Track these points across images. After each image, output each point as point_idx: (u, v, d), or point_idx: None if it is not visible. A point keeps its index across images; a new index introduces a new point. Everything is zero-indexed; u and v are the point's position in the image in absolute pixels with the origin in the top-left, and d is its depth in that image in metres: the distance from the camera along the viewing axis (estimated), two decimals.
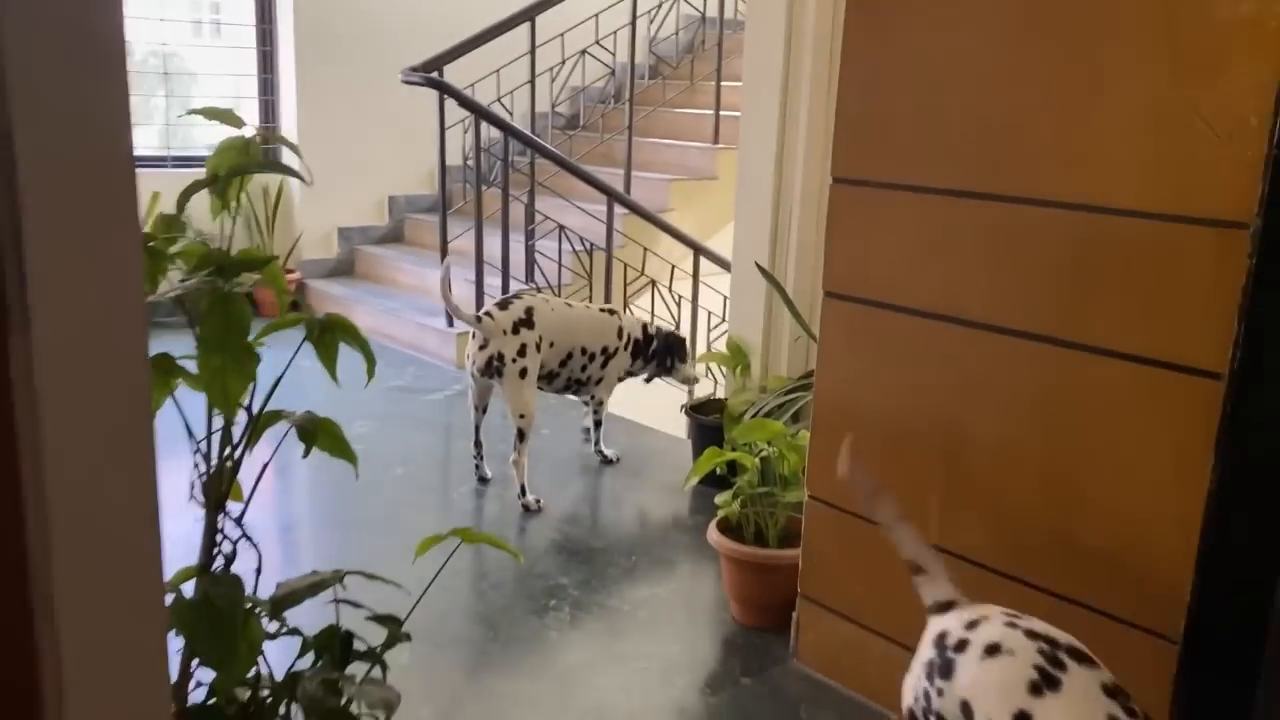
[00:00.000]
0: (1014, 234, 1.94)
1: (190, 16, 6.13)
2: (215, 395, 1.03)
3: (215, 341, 1.02)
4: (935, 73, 2.01)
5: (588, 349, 3.38)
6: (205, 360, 1.02)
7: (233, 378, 1.03)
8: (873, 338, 2.20)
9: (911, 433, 2.15)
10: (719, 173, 5.50)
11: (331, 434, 1.34)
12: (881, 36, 2.10)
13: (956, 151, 2.00)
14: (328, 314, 1.31)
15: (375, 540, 2.96)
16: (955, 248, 2.03)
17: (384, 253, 5.85)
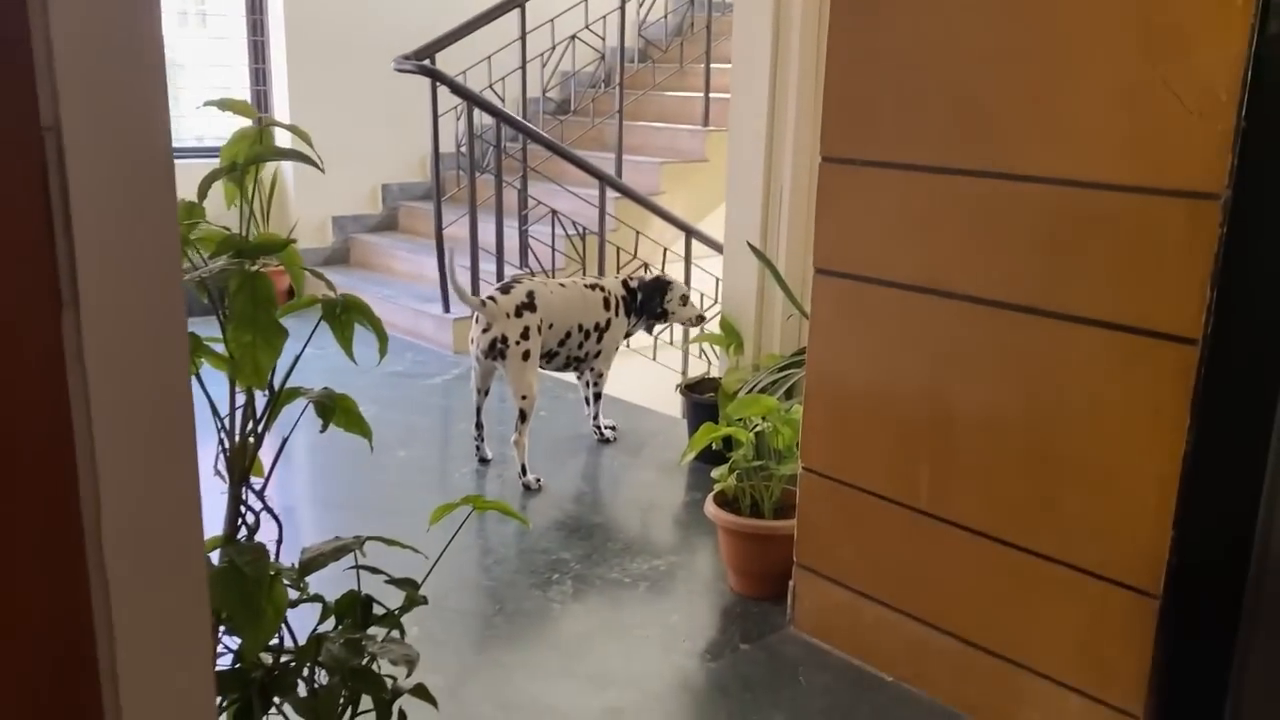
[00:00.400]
0: (995, 208, 2.01)
1: (176, 7, 6.15)
2: (246, 370, 1.10)
3: (245, 318, 1.08)
4: (919, 53, 2.07)
5: (584, 325, 3.45)
6: (235, 336, 1.08)
7: (263, 352, 1.09)
8: (861, 312, 2.27)
9: (901, 403, 2.23)
10: (709, 155, 5.56)
11: (348, 410, 1.41)
12: (867, 18, 2.16)
13: (940, 129, 2.06)
14: (343, 294, 1.37)
15: (380, 520, 3.02)
16: (939, 223, 2.10)
17: (379, 240, 5.90)
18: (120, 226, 0.86)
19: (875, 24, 2.15)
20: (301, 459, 3.57)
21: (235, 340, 1.08)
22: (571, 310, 3.41)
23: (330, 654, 1.27)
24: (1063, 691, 2.00)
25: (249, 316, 1.08)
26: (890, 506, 2.28)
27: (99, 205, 0.85)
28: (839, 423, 2.36)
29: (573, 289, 3.47)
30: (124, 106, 0.84)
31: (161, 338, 0.89)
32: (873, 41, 2.16)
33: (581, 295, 3.47)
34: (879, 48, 2.15)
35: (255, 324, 1.09)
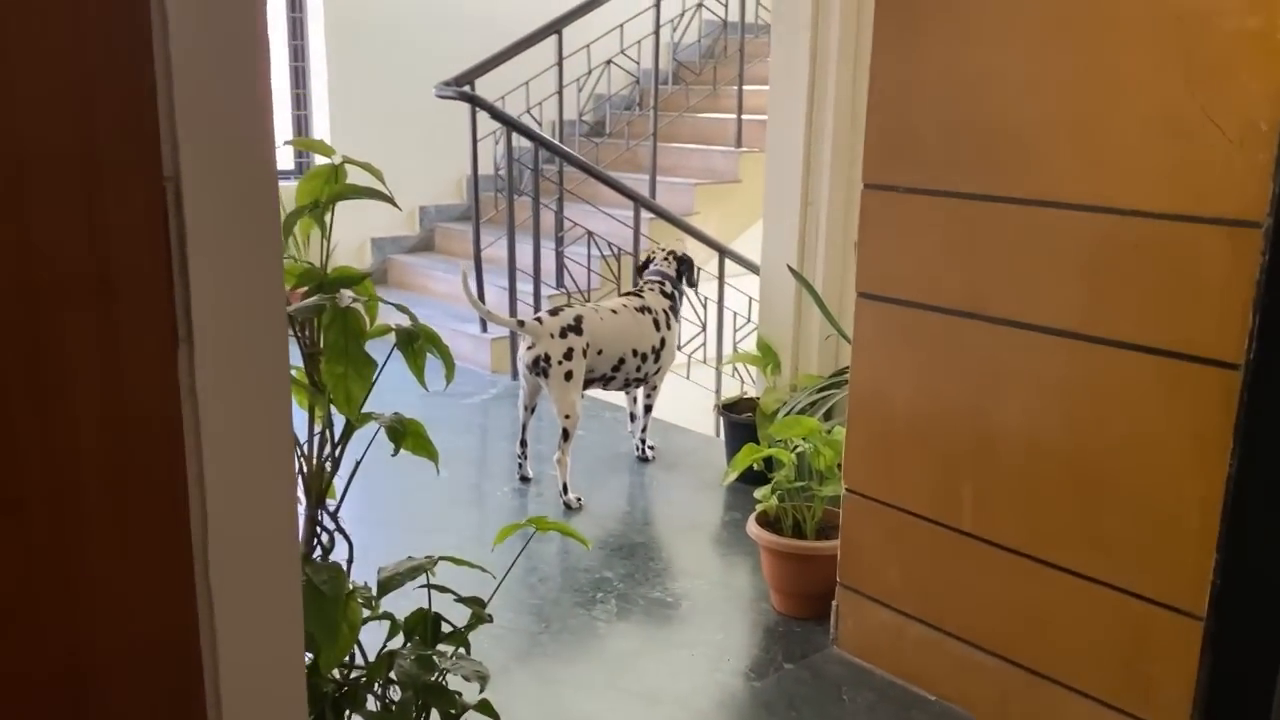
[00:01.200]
0: (1037, 235, 2.05)
1: None
2: (339, 399, 1.16)
3: (338, 351, 1.14)
4: (961, 84, 2.12)
5: (639, 350, 3.50)
6: (329, 368, 1.14)
7: (354, 383, 1.16)
8: (904, 336, 2.32)
9: (944, 426, 2.26)
10: (742, 176, 5.61)
11: (418, 434, 1.47)
12: (909, 49, 2.21)
13: (982, 158, 2.11)
14: (414, 323, 1.43)
15: (427, 539, 3.08)
16: (981, 249, 2.14)
17: (416, 261, 5.99)
18: (231, 268, 0.92)
19: (916, 55, 2.20)
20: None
21: (329, 371, 1.14)
22: (624, 336, 3.47)
23: (403, 670, 1.33)
24: (1106, 712, 2.03)
25: (341, 349, 1.14)
26: (933, 528, 2.31)
27: (212, 248, 0.91)
28: (882, 445, 2.40)
29: (624, 315, 3.51)
30: (236, 155, 0.91)
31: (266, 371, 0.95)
32: (914, 72, 2.21)
33: (634, 320, 3.52)
34: (920, 78, 2.20)
35: (347, 356, 1.15)
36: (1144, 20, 1.82)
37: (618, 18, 5.55)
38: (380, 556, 2.97)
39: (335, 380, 1.14)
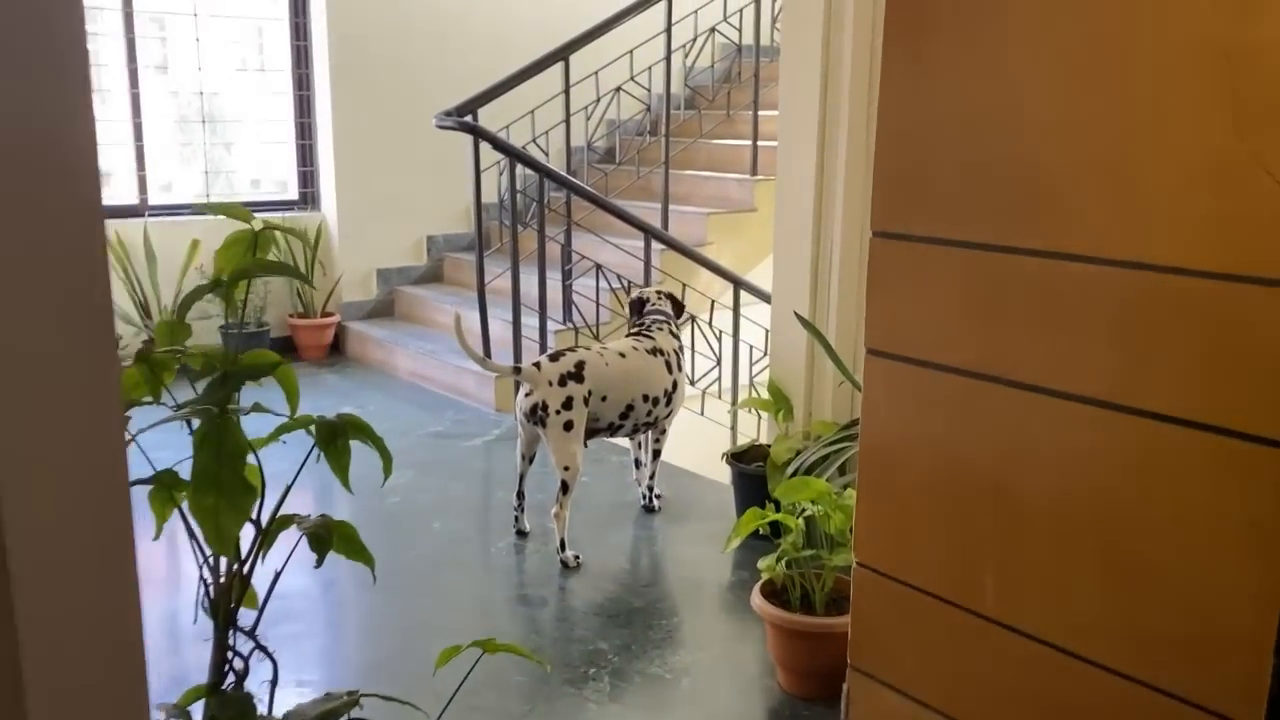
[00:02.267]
0: (1064, 292, 1.83)
1: (237, 58, 6.19)
2: (209, 536, 0.97)
3: (208, 477, 0.95)
4: (979, 122, 1.92)
5: (650, 394, 3.30)
6: (196, 500, 0.95)
7: (227, 518, 0.97)
8: (918, 397, 2.11)
9: (962, 498, 2.05)
10: (757, 204, 5.42)
11: (348, 538, 1.28)
12: (921, 84, 2.01)
13: (1002, 205, 1.90)
14: (340, 415, 1.25)
15: (409, 604, 2.90)
16: (1003, 305, 1.93)
17: (423, 293, 5.84)
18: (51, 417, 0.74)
19: (929, 89, 2.00)
20: None
21: (196, 504, 0.95)
22: (633, 381, 3.26)
23: None
24: None
25: (212, 475, 0.96)
26: (953, 610, 2.09)
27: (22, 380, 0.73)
28: (896, 516, 2.18)
29: (634, 358, 3.30)
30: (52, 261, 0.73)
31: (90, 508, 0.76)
32: (927, 108, 2.00)
33: (645, 364, 3.31)
34: (934, 115, 1.99)
35: (219, 484, 0.96)
36: (1187, 55, 1.61)
37: (628, 43, 5.38)
38: (356, 627, 2.79)
39: (204, 514, 0.95)
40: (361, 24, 5.68)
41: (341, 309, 5.84)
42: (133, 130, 5.39)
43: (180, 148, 5.72)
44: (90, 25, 5.69)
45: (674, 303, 3.58)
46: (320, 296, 5.80)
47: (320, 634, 2.71)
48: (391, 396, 5.01)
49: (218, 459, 0.96)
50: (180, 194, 5.73)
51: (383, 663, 2.59)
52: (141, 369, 1.04)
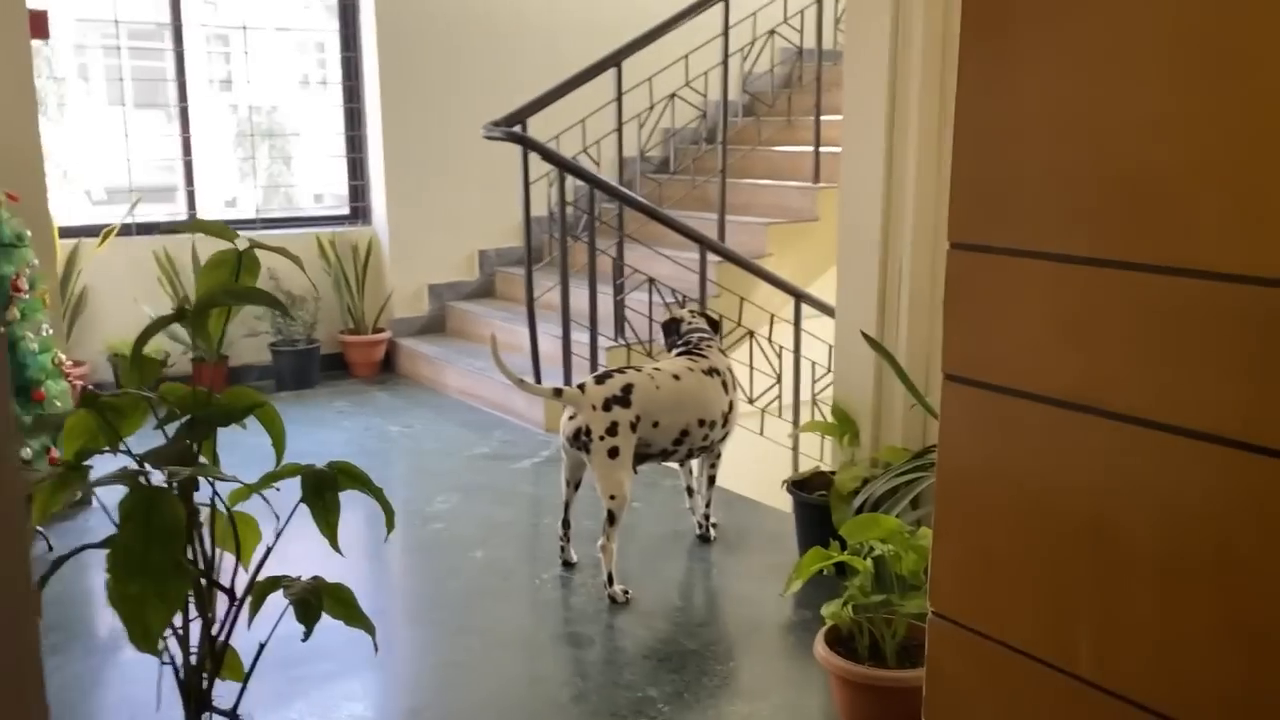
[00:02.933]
0: (1173, 311, 1.59)
1: (299, 72, 6.14)
2: (134, 630, 0.80)
3: (134, 559, 0.78)
4: (1074, 121, 1.68)
5: (706, 419, 3.09)
6: (119, 586, 0.78)
7: (153, 610, 0.78)
8: (1003, 429, 1.87)
9: (1054, 543, 1.81)
10: (820, 213, 5.19)
11: (344, 602, 1.10)
12: (1005, 81, 1.78)
13: (1101, 213, 1.67)
14: (331, 463, 1.07)
15: (447, 641, 2.73)
16: (1102, 327, 1.70)
17: (474, 309, 5.71)
18: None
19: (1015, 85, 1.77)
20: (362, 555, 3.32)
21: (118, 591, 0.78)
22: (688, 405, 3.06)
23: None
24: None
25: (139, 555, 0.78)
26: (1041, 669, 1.85)
27: None
28: (977, 560, 1.95)
29: (689, 379, 3.09)
30: None
31: None
32: (1012, 107, 1.78)
33: (700, 386, 3.10)
34: (1020, 114, 1.77)
35: (147, 568, 0.78)
36: None
37: (683, 48, 5.19)
38: (391, 664, 2.62)
39: (127, 604, 0.77)
40: (411, 35, 5.57)
41: (393, 325, 5.73)
42: (181, 145, 5.34)
43: (240, 163, 5.66)
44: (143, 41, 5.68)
45: (710, 321, 3.37)
46: (371, 312, 5.70)
47: (354, 673, 2.55)
48: (440, 415, 4.88)
49: (146, 537, 0.79)
50: (243, 210, 5.69)
51: (416, 711, 2.42)
52: (92, 415, 0.87)
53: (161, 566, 0.79)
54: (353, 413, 4.93)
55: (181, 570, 0.82)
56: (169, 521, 0.82)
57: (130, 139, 5.24)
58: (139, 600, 0.78)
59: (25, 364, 3.13)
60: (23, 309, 3.17)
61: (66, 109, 6.03)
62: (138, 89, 5.66)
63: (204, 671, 0.99)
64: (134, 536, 0.79)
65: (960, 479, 1.94)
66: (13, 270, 3.16)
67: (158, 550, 0.79)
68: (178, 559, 0.81)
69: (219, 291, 0.99)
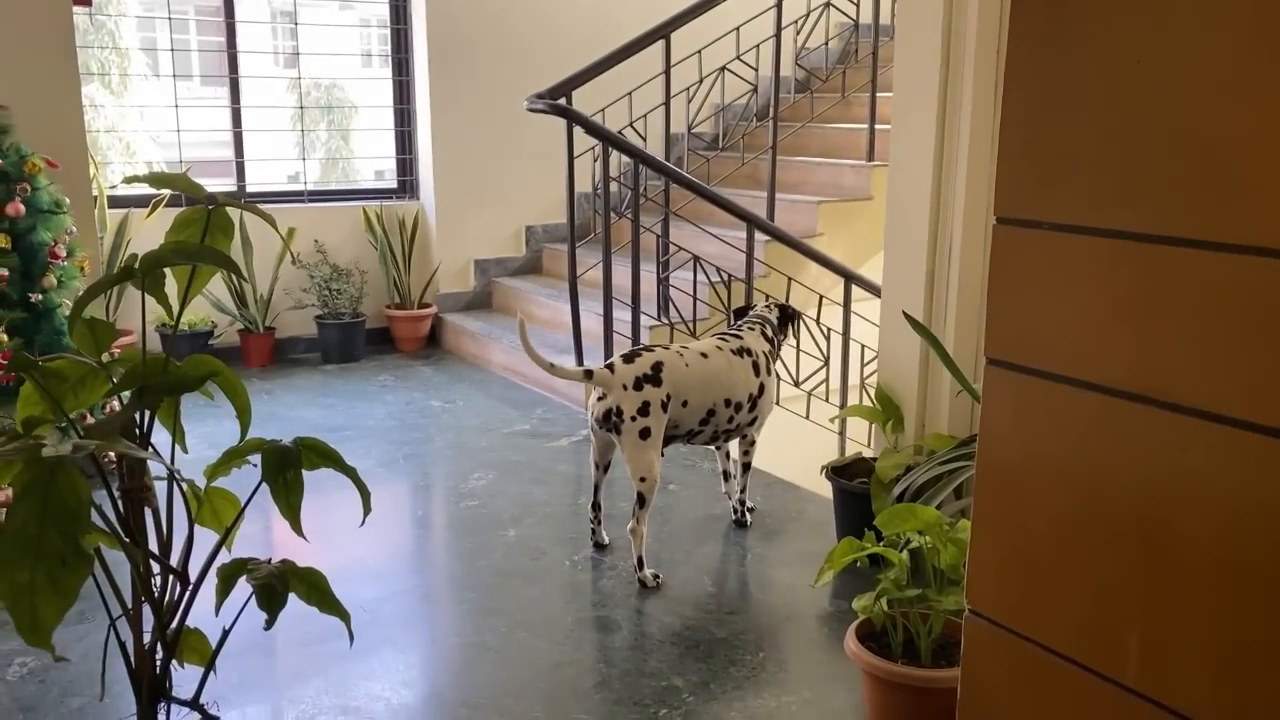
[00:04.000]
0: (1240, 294, 1.46)
1: (360, 48, 6.13)
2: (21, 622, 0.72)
3: (26, 542, 0.70)
4: (1133, 86, 1.55)
5: (733, 399, 3.00)
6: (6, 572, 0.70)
7: (45, 601, 0.71)
8: (1050, 418, 1.75)
9: (1102, 541, 1.69)
10: (874, 192, 5.03)
11: (317, 587, 1.03)
12: (1059, 41, 1.65)
13: (1161, 186, 1.53)
14: (297, 439, 1.00)
15: (475, 621, 2.67)
16: (1161, 310, 1.56)
17: (520, 285, 5.65)
18: None
19: (1071, 48, 1.64)
20: (395, 526, 3.28)
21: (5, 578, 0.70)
22: (715, 383, 2.97)
23: None
24: None
25: (32, 538, 0.70)
26: (1085, 676, 1.73)
27: None
28: (1018, 556, 1.83)
29: (717, 358, 3.01)
30: None
31: None
32: (1067, 71, 1.65)
33: (728, 365, 3.01)
34: (1075, 79, 1.63)
35: (39, 552, 0.70)
36: None
37: (733, 20, 5.05)
38: (415, 644, 2.57)
39: (15, 593, 0.70)
40: (460, 6, 5.51)
41: (438, 300, 5.70)
42: (231, 117, 5.34)
43: (299, 137, 5.67)
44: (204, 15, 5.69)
45: (784, 314, 3.28)
46: (417, 287, 5.67)
47: (374, 653, 2.50)
48: (482, 391, 4.83)
49: (41, 518, 0.71)
50: (299, 184, 5.70)
51: (437, 693, 2.36)
52: (31, 384, 0.81)
53: (57, 551, 0.72)
54: (396, 387, 4.91)
55: (80, 555, 0.75)
56: (68, 501, 0.74)
57: (191, 112, 5.26)
58: (29, 589, 0.70)
59: (60, 331, 3.13)
60: (60, 275, 3.17)
61: (131, 81, 6.09)
62: (204, 63, 5.69)
63: (157, 657, 0.93)
64: (28, 517, 0.71)
65: (1002, 470, 1.83)
66: (50, 237, 3.16)
67: (54, 533, 0.71)
68: (76, 543, 0.74)
69: (170, 249, 0.92)
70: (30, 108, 3.31)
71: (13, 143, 3.17)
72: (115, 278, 0.94)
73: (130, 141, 6.21)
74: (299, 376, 5.06)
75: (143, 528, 0.92)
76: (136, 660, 0.92)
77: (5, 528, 0.70)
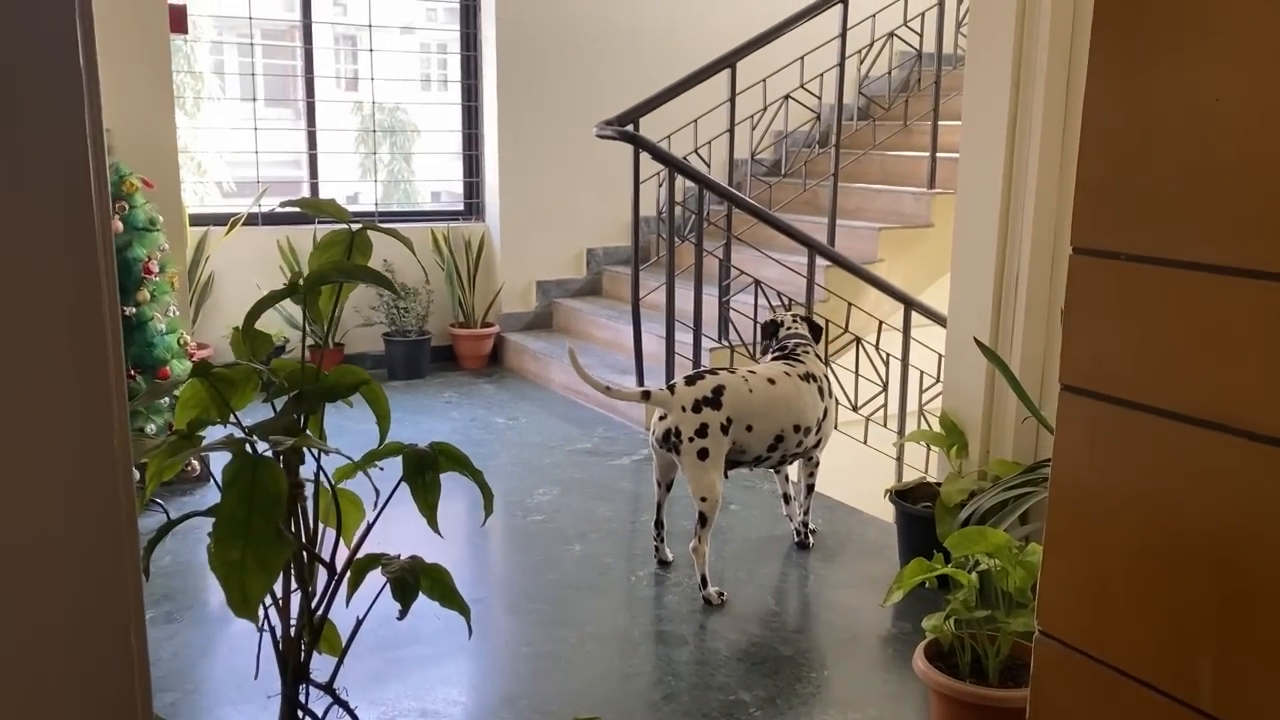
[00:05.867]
0: None
1: (419, 73, 6.30)
2: (232, 597, 0.81)
3: (236, 525, 0.79)
4: (1211, 117, 1.59)
5: (801, 424, 3.04)
6: (220, 551, 0.79)
7: (253, 577, 0.80)
8: (1125, 445, 1.78)
9: (1176, 567, 1.71)
10: (934, 219, 5.07)
11: (441, 582, 1.11)
12: (1140, 69, 1.70)
13: (1241, 220, 1.57)
14: (433, 444, 1.08)
15: (545, 632, 2.74)
16: (1240, 340, 1.60)
17: (581, 306, 5.75)
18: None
19: (1147, 79, 1.68)
20: (462, 542, 3.37)
21: (220, 556, 0.79)
22: (783, 409, 3.01)
23: None
24: None
25: (241, 522, 0.79)
26: (1157, 698, 1.75)
27: None
28: (1091, 579, 1.86)
29: (785, 384, 3.04)
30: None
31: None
32: (1147, 100, 1.69)
33: (796, 391, 3.05)
34: (1156, 108, 1.68)
35: (248, 534, 0.79)
36: None
37: (798, 49, 5.13)
38: (484, 652, 2.64)
39: (228, 570, 0.79)
40: (529, 36, 5.65)
41: (501, 320, 5.82)
42: (306, 139, 5.52)
43: (363, 159, 5.84)
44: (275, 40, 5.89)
45: (811, 325, 3.32)
46: (481, 306, 5.80)
47: (450, 659, 2.58)
48: (544, 410, 4.92)
49: (248, 504, 0.80)
50: (364, 205, 5.86)
51: (511, 699, 2.44)
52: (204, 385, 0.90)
53: (263, 533, 0.81)
54: (460, 403, 5.02)
55: (281, 538, 0.83)
56: (271, 489, 0.83)
57: (259, 133, 5.44)
58: (239, 565, 0.80)
59: (152, 343, 3.27)
60: (152, 290, 3.32)
61: (204, 103, 6.31)
62: (269, 85, 5.89)
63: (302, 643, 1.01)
64: (237, 503, 0.80)
65: (1075, 495, 1.86)
66: (145, 253, 3.31)
67: (259, 517, 0.80)
68: (278, 527, 0.82)
69: (330, 268, 1.01)
70: (129, 130, 3.48)
71: (113, 163, 3.33)
72: (283, 292, 1.03)
73: (201, 161, 6.43)
74: None
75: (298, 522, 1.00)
76: (284, 645, 1.00)
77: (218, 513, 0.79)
